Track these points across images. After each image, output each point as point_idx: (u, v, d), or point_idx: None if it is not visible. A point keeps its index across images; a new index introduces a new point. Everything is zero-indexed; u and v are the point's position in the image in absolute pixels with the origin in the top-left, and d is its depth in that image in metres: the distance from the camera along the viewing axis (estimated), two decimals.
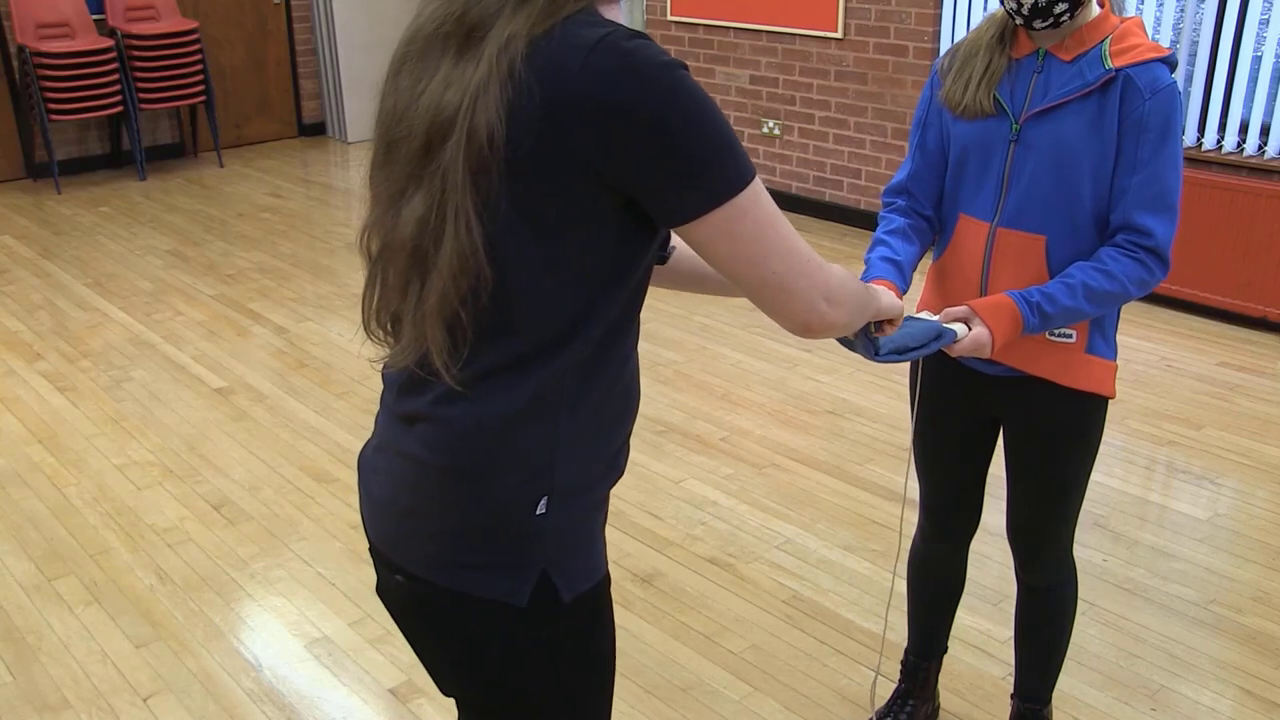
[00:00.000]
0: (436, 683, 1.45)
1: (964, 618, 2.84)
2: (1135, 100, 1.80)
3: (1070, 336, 1.95)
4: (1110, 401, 2.05)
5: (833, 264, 1.32)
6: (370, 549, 1.41)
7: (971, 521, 2.28)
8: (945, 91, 1.96)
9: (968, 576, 2.98)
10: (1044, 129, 1.86)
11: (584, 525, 1.32)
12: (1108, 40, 1.83)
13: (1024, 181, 1.89)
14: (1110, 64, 1.81)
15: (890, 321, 1.64)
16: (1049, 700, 2.33)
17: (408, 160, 1.21)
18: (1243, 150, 4.70)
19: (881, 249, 2.01)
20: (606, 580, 1.37)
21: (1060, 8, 1.80)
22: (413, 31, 1.26)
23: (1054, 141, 1.85)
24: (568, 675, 1.36)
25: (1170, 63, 1.83)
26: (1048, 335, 1.95)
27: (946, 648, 2.47)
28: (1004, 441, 2.13)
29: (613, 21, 1.18)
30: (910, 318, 1.81)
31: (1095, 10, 1.85)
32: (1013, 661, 2.38)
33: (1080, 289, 1.84)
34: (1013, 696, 2.37)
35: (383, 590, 1.42)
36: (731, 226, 1.19)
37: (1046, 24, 1.82)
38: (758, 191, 1.20)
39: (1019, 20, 1.84)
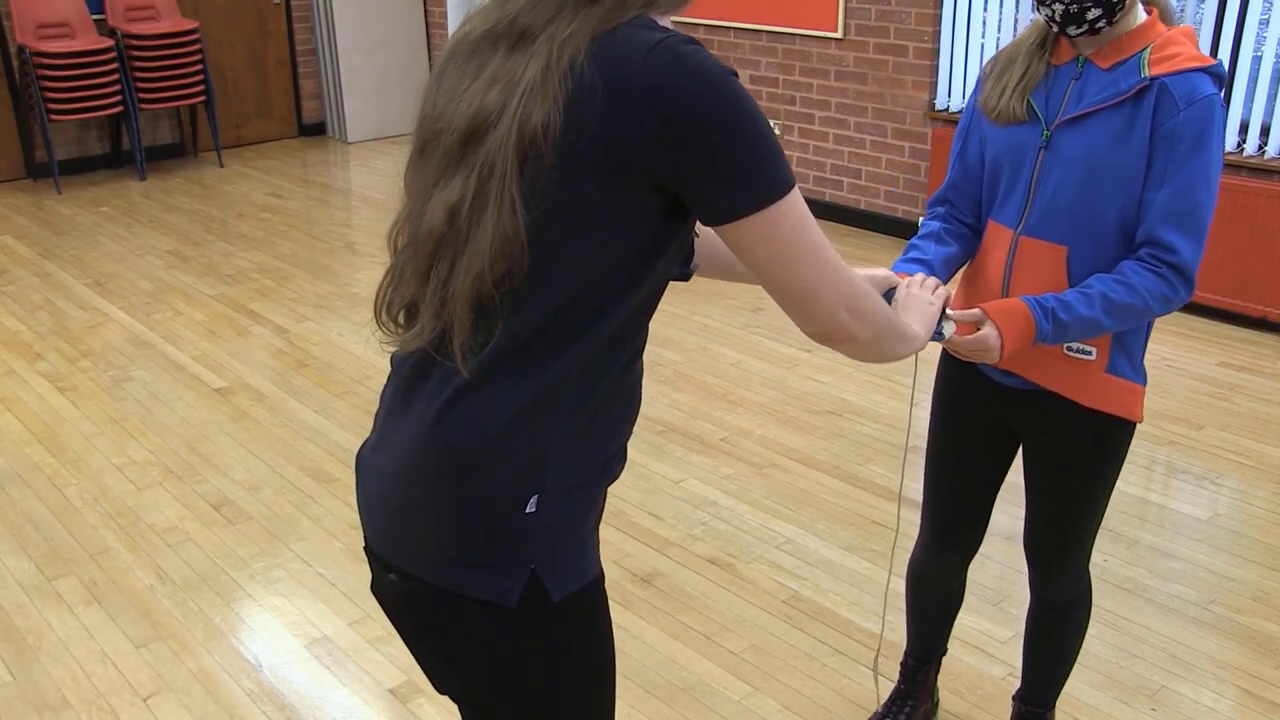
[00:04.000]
0: (431, 681, 1.45)
1: (964, 618, 2.84)
2: (1169, 110, 1.73)
3: (1090, 354, 1.90)
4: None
5: (863, 282, 1.34)
6: (365, 547, 1.41)
7: (974, 543, 2.24)
8: (984, 97, 1.94)
9: (972, 578, 2.98)
10: (1074, 137, 1.82)
11: (575, 526, 1.32)
12: (1149, 48, 1.77)
13: (1050, 190, 1.85)
14: (1147, 72, 1.75)
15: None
16: (1053, 705, 2.32)
17: (443, 154, 1.24)
18: (1243, 150, 4.70)
19: (910, 253, 2.00)
20: (599, 580, 1.37)
21: (1094, 13, 1.74)
22: (460, 36, 1.29)
23: (1082, 150, 1.81)
24: (561, 675, 1.36)
25: (1215, 74, 1.75)
26: (1065, 350, 1.91)
27: (946, 649, 2.46)
28: (1023, 456, 2.09)
29: (668, 28, 1.22)
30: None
31: (1141, 17, 1.79)
32: (1013, 661, 2.37)
33: (1099, 299, 1.78)
34: (1015, 697, 2.36)
35: (377, 589, 1.42)
36: (769, 232, 1.22)
37: (1081, 30, 1.78)
38: (796, 200, 1.23)
39: (1055, 27, 1.81)
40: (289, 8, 7.90)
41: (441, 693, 1.45)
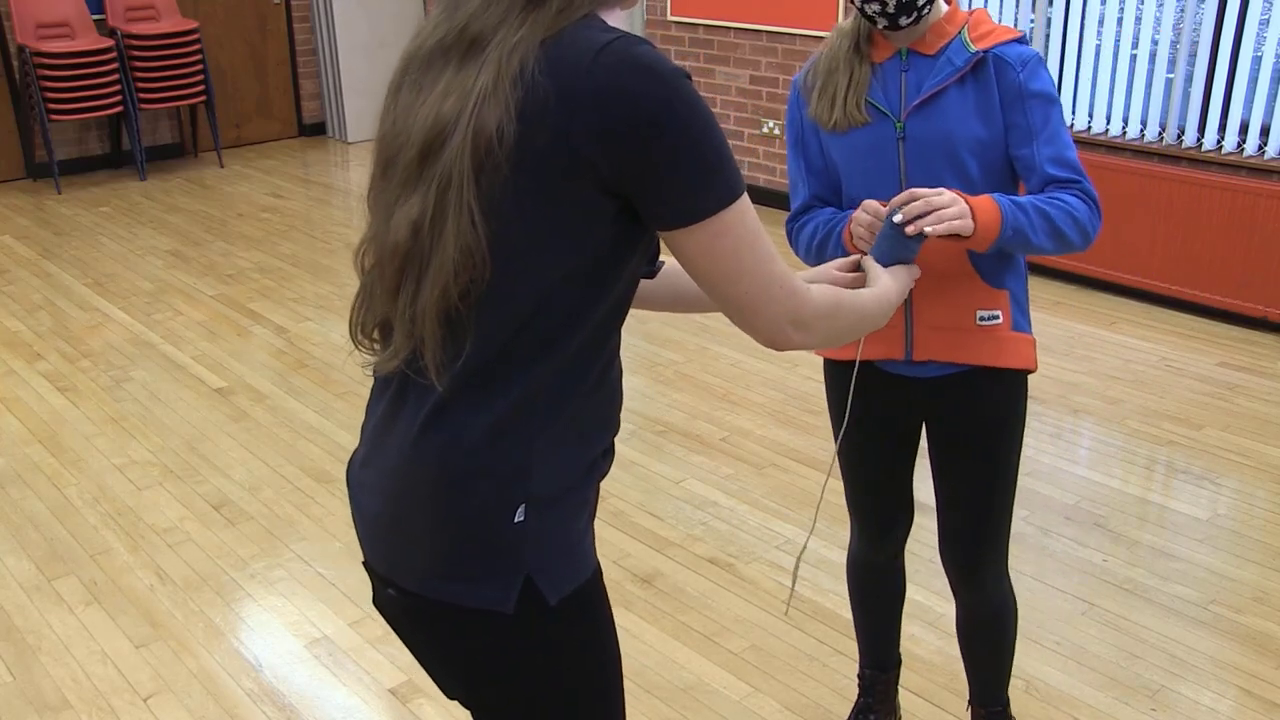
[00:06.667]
0: (441, 688, 1.46)
1: None
2: (1010, 74, 1.86)
3: (997, 318, 1.97)
4: (1112, 399, 2.04)
5: (816, 286, 1.34)
6: (364, 563, 1.42)
7: (907, 525, 2.27)
8: (813, 111, 1.97)
9: None
10: (927, 120, 1.88)
11: (565, 528, 1.31)
12: (965, 29, 1.89)
13: (921, 175, 1.89)
14: (975, 48, 1.87)
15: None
16: (1007, 701, 2.32)
17: (404, 170, 1.23)
18: (1243, 150, 4.70)
19: (815, 220, 2.00)
20: (597, 576, 1.37)
21: None
22: (413, 49, 1.27)
23: (938, 129, 1.88)
24: (567, 675, 1.36)
25: (1026, 41, 1.91)
26: (977, 322, 1.96)
27: (900, 658, 2.45)
28: (931, 444, 2.11)
29: (618, 29, 1.20)
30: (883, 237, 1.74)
31: (944, 7, 1.91)
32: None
33: (1033, 200, 1.84)
34: (970, 704, 2.34)
35: (378, 603, 1.43)
36: (713, 241, 1.22)
37: (911, 19, 1.84)
38: (743, 210, 1.22)
39: (882, 24, 1.85)
40: (289, 8, 7.90)
41: (451, 698, 1.46)
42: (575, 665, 1.36)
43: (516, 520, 1.26)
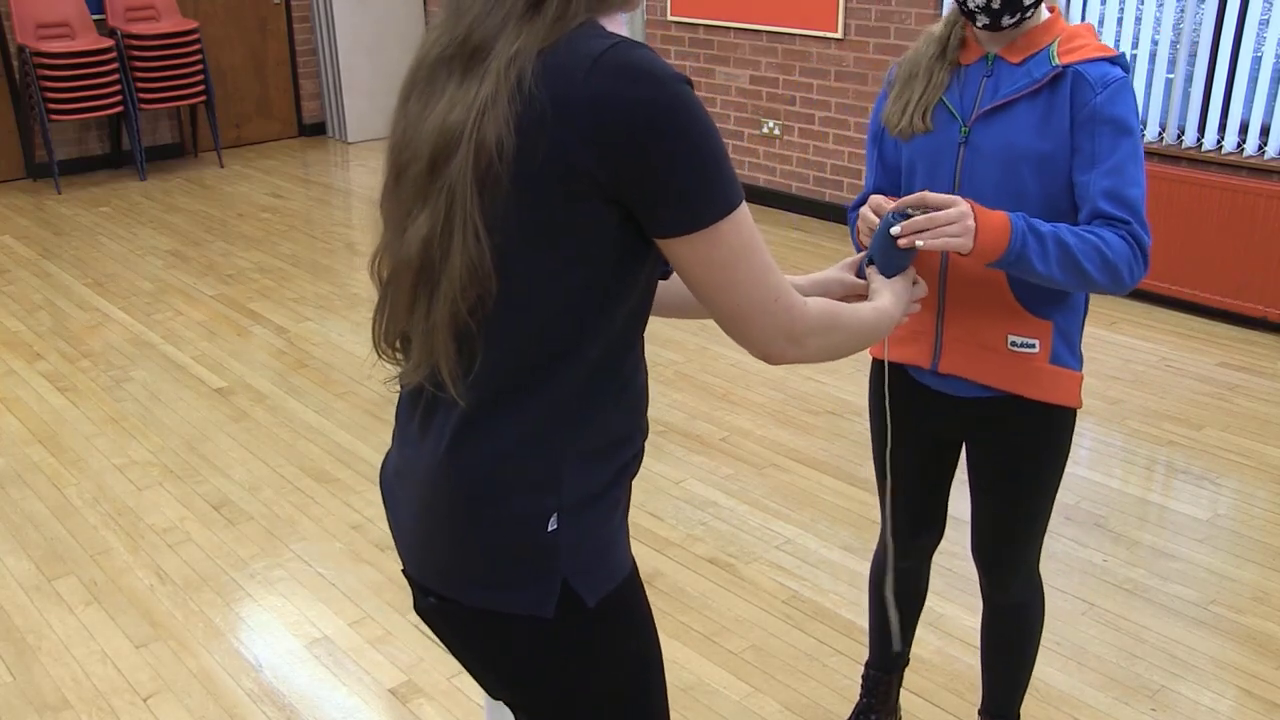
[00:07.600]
0: (485, 689, 1.47)
1: (964, 618, 2.84)
2: (1086, 95, 1.77)
3: (1033, 346, 1.92)
4: (1112, 400, 2.04)
5: (813, 301, 1.33)
6: (403, 571, 1.43)
7: (934, 536, 2.26)
8: (886, 113, 1.96)
9: (968, 575, 2.97)
10: (992, 129, 1.84)
11: (600, 531, 1.32)
12: (1056, 41, 1.82)
13: (974, 183, 1.86)
14: (1058, 61, 1.80)
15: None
16: (1019, 716, 2.32)
17: (414, 182, 1.23)
18: (1243, 150, 4.70)
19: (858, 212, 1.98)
20: (634, 575, 1.38)
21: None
22: (419, 58, 1.28)
23: (1001, 140, 1.83)
24: (608, 674, 1.37)
25: (1120, 63, 1.80)
26: (1009, 346, 1.92)
27: (908, 660, 2.45)
28: (968, 460, 2.10)
29: (617, 34, 1.20)
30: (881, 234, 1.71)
31: (1045, 15, 1.85)
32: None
33: (1064, 229, 1.76)
34: (981, 713, 2.34)
35: (419, 610, 1.44)
36: (709, 251, 1.21)
37: (1013, 20, 1.79)
38: (740, 220, 1.21)
39: (983, 21, 1.80)
40: (289, 8, 7.90)
41: (496, 699, 1.47)
42: (617, 665, 1.37)
43: (550, 529, 1.27)
